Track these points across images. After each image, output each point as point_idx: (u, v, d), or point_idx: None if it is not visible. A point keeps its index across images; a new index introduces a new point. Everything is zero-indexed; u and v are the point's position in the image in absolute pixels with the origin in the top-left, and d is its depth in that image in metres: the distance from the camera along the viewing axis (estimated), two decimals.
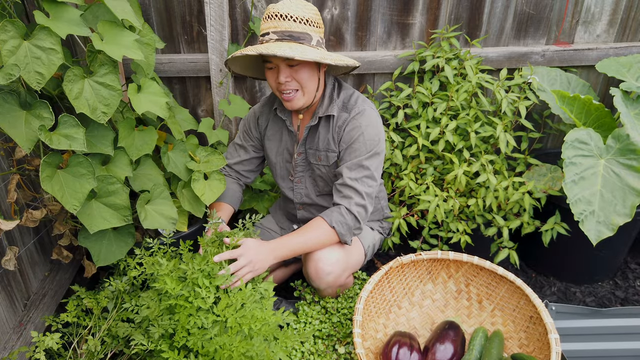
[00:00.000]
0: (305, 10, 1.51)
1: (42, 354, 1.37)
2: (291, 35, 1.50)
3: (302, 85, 1.58)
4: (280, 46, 1.46)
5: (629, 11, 2.19)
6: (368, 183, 1.64)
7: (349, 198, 1.63)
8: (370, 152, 1.63)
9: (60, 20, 1.26)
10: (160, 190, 1.65)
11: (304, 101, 1.63)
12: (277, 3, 1.53)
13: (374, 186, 1.66)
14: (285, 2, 1.51)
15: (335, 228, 1.61)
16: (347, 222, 1.62)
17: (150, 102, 1.55)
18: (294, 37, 1.50)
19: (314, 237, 1.62)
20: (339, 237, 1.64)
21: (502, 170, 2.06)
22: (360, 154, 1.63)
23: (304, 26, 1.51)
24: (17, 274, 1.63)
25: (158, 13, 2.08)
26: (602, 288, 2.18)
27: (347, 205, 1.62)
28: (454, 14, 2.15)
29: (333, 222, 1.61)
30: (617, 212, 1.75)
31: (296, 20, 1.49)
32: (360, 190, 1.62)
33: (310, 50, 1.49)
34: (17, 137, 1.28)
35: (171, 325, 1.29)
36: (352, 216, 1.63)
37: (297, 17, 1.49)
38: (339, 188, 1.66)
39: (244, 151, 1.89)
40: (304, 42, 1.51)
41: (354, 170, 1.63)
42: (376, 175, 1.67)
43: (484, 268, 1.73)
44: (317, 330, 1.68)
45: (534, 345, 1.59)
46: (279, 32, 1.49)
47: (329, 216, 1.63)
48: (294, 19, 1.49)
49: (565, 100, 2.00)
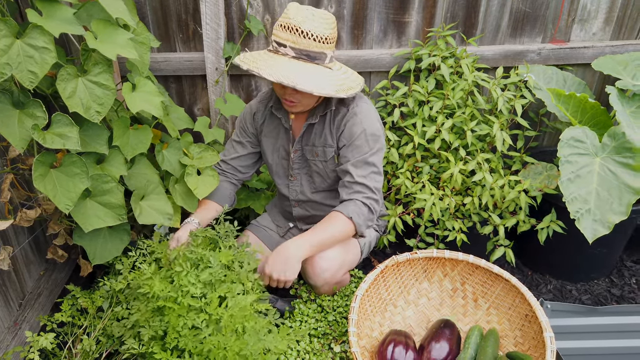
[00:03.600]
0: (326, 27, 1.50)
1: (36, 353, 1.37)
2: (308, 55, 1.51)
3: (303, 103, 1.62)
4: (297, 69, 1.47)
5: (625, 9, 2.19)
6: (375, 179, 1.67)
7: (361, 192, 1.65)
8: (374, 149, 1.66)
9: (53, 18, 1.26)
10: (154, 186, 1.65)
11: (300, 109, 1.66)
12: (299, 13, 1.49)
13: (380, 181, 1.69)
14: (307, 16, 1.48)
15: (353, 218, 1.62)
16: (363, 213, 1.64)
17: (144, 101, 1.54)
18: (310, 57, 1.51)
19: (336, 230, 1.63)
20: (356, 228, 1.65)
21: (498, 168, 2.06)
22: (365, 152, 1.65)
23: (322, 45, 1.51)
24: (11, 273, 1.63)
25: (153, 11, 2.08)
26: (598, 286, 2.18)
27: (360, 199, 1.64)
28: (450, 12, 2.14)
29: (350, 213, 1.62)
30: (613, 210, 1.75)
31: (316, 39, 1.49)
32: (370, 185, 1.65)
33: (324, 78, 1.50)
34: (10, 137, 1.27)
35: (161, 327, 1.28)
36: (367, 208, 1.65)
37: (317, 36, 1.49)
38: (347, 185, 1.67)
39: (241, 146, 1.89)
40: (319, 62, 1.53)
41: (360, 167, 1.65)
42: (381, 170, 1.70)
43: (479, 266, 1.73)
44: (313, 329, 1.68)
45: (529, 344, 1.59)
46: (297, 49, 1.50)
47: (345, 209, 1.63)
48: (314, 37, 1.48)
49: (561, 99, 2.00)
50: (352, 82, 1.60)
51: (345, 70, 1.64)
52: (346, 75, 1.61)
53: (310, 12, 1.49)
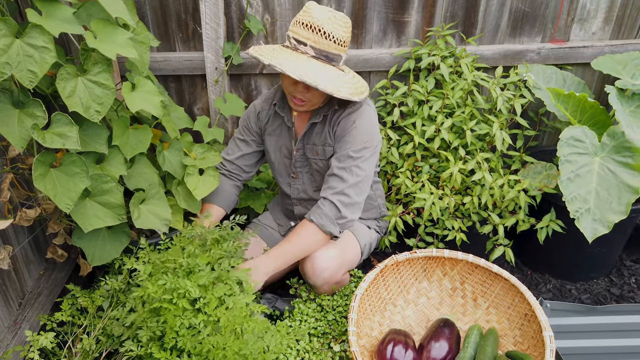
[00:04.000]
0: (345, 30, 1.52)
1: (36, 353, 1.37)
2: (327, 56, 1.52)
3: (312, 102, 1.62)
4: (316, 69, 1.48)
5: (624, 9, 2.19)
6: (356, 172, 1.63)
7: (332, 188, 1.64)
8: (361, 146, 1.64)
9: (53, 18, 1.25)
10: (156, 191, 1.64)
11: (309, 108, 1.67)
12: (322, 13, 1.49)
13: (362, 175, 1.64)
14: (330, 17, 1.49)
15: (314, 220, 1.62)
16: (326, 213, 1.63)
17: (144, 100, 1.54)
18: (329, 58, 1.53)
19: (301, 241, 1.64)
20: (322, 230, 1.63)
21: (497, 168, 2.06)
22: (350, 146, 1.64)
23: (340, 48, 1.54)
24: (11, 272, 1.63)
25: (153, 11, 2.08)
26: (597, 285, 2.18)
27: (326, 195, 1.64)
28: (449, 12, 2.15)
29: (311, 216, 1.63)
30: (612, 209, 1.75)
31: (336, 41, 1.51)
32: (346, 178, 1.62)
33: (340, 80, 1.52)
34: (10, 136, 1.27)
35: (159, 328, 1.28)
36: (331, 205, 1.63)
37: (337, 39, 1.51)
38: (326, 179, 1.68)
39: (245, 145, 1.90)
40: (335, 64, 1.55)
41: (343, 160, 1.64)
42: (365, 166, 1.65)
43: (479, 266, 1.73)
44: (313, 328, 1.68)
45: (528, 343, 1.59)
46: (317, 49, 1.51)
47: (309, 213, 1.65)
48: (334, 39, 1.50)
49: (561, 98, 2.00)
50: (362, 87, 1.63)
51: (353, 75, 1.66)
52: (357, 79, 1.64)
53: (333, 14, 1.50)
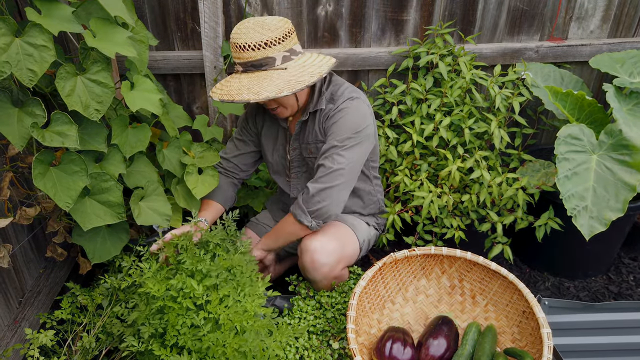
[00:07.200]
0: (262, 33, 1.48)
1: (36, 351, 1.38)
2: (253, 65, 1.51)
3: (283, 105, 1.65)
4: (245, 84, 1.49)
5: (622, 7, 2.20)
6: (337, 160, 1.61)
7: (314, 177, 1.66)
8: (345, 135, 1.62)
9: (52, 17, 1.26)
10: (155, 187, 1.65)
11: (290, 112, 1.70)
12: (237, 30, 1.50)
13: (343, 163, 1.61)
14: (242, 29, 1.49)
15: (291, 210, 1.69)
16: (299, 202, 1.66)
17: (143, 99, 1.55)
18: (255, 66, 1.51)
19: (282, 230, 1.75)
20: (296, 219, 1.68)
21: (496, 166, 2.06)
22: (335, 136, 1.63)
23: (263, 51, 1.49)
24: (11, 271, 1.63)
25: (152, 10, 2.08)
26: (595, 283, 2.19)
27: (308, 184, 1.66)
28: (447, 11, 2.15)
29: (290, 208, 1.70)
30: (609, 207, 1.76)
31: (254, 48, 1.48)
32: (328, 165, 1.62)
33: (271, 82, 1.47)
34: (9, 135, 1.28)
35: (161, 325, 1.29)
36: (306, 195, 1.64)
37: (254, 45, 1.47)
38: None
39: (244, 144, 1.91)
40: (267, 67, 1.51)
41: (326, 150, 1.65)
42: (348, 154, 1.62)
43: (477, 263, 1.74)
44: (312, 326, 1.69)
45: (526, 340, 1.60)
46: (242, 63, 1.52)
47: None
48: (252, 47, 1.48)
49: (559, 96, 2.00)
50: (316, 67, 1.54)
51: (303, 63, 1.55)
52: (306, 66, 1.54)
53: (250, 23, 1.49)
